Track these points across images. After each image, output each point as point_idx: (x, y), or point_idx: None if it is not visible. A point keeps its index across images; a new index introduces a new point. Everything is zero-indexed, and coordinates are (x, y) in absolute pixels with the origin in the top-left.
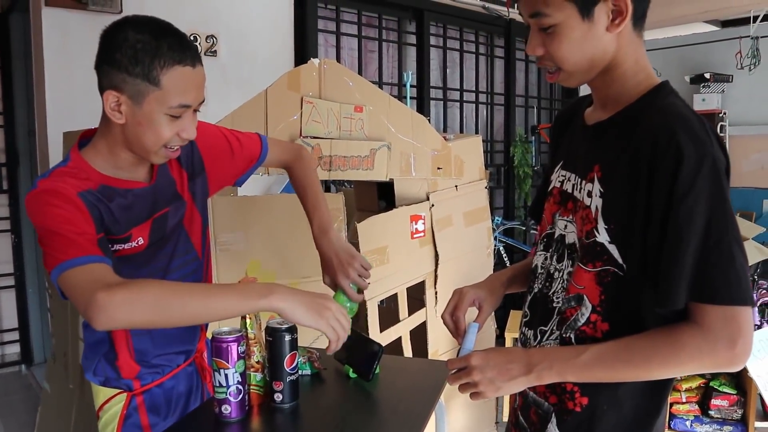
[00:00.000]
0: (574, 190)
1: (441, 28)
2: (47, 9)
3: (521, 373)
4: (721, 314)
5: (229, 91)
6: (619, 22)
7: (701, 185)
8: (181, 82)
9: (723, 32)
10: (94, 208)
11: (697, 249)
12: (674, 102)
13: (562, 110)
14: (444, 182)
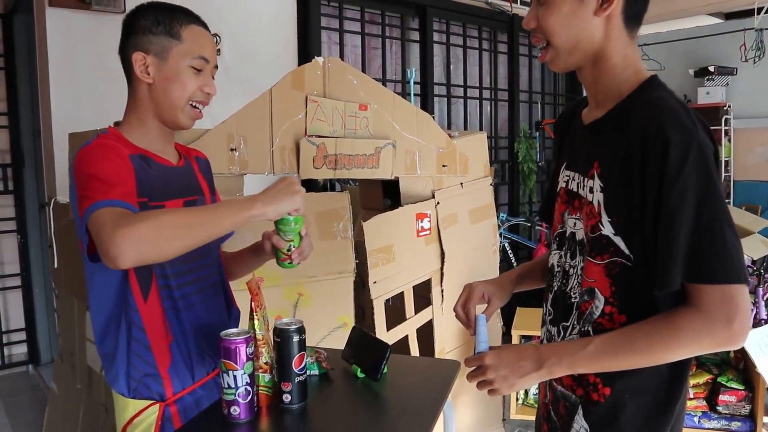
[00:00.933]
0: (579, 189)
1: (444, 24)
2: (51, 9)
3: (532, 369)
4: (717, 293)
5: (232, 90)
6: (606, 7)
7: (689, 170)
8: (199, 37)
9: (727, 24)
10: (138, 171)
11: (690, 231)
12: (661, 95)
13: (561, 113)
14: (449, 180)
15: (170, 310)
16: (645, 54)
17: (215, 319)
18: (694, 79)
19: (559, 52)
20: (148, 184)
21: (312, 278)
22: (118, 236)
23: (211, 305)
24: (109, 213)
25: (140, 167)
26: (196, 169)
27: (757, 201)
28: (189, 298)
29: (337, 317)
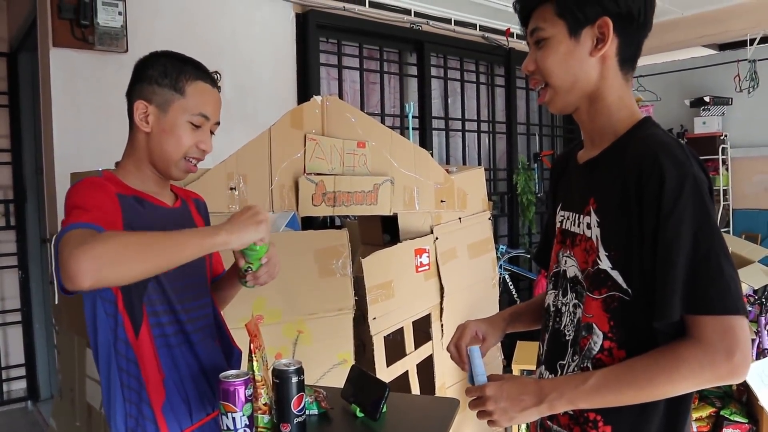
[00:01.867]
0: (572, 227)
1: (441, 58)
2: (55, 49)
3: (533, 404)
4: (717, 325)
5: (233, 126)
6: (600, 47)
7: (685, 202)
8: (203, 94)
9: (721, 56)
10: (127, 210)
11: (687, 262)
12: (655, 132)
13: (557, 158)
14: (447, 215)
15: (163, 347)
16: (641, 85)
17: (213, 360)
18: (690, 110)
19: (557, 91)
20: (141, 224)
21: (312, 315)
22: (78, 254)
23: (207, 346)
24: (74, 234)
25: (131, 207)
26: (193, 211)
27: (756, 229)
28: (182, 336)
29: (338, 354)
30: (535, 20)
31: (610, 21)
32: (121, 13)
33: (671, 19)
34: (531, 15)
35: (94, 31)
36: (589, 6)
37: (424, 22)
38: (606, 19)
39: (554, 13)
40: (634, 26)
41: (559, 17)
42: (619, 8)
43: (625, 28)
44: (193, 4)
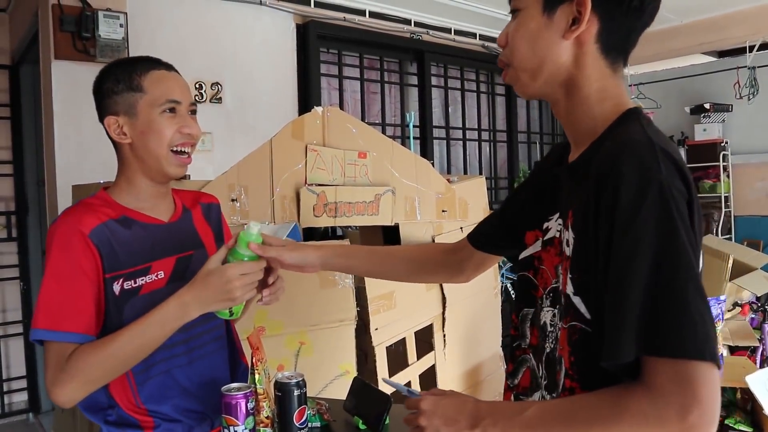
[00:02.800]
0: (561, 242)
1: (442, 68)
2: (57, 62)
3: (466, 427)
4: (671, 371)
5: (234, 137)
6: (574, 29)
7: (645, 216)
8: (162, 81)
9: (720, 62)
10: (107, 244)
11: (644, 291)
12: (630, 128)
13: (554, 148)
14: (449, 225)
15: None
16: (641, 93)
17: (214, 374)
18: (690, 117)
19: (519, 73)
20: (124, 249)
21: (314, 326)
22: (57, 389)
23: (207, 362)
24: (53, 354)
25: (111, 235)
26: (196, 220)
27: (758, 236)
28: (181, 357)
29: (339, 365)
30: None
31: (589, 1)
32: (122, 26)
33: (670, 26)
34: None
35: (95, 43)
36: None
37: (424, 32)
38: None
39: None
40: (623, 9)
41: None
42: None
43: (610, 10)
44: (194, 16)
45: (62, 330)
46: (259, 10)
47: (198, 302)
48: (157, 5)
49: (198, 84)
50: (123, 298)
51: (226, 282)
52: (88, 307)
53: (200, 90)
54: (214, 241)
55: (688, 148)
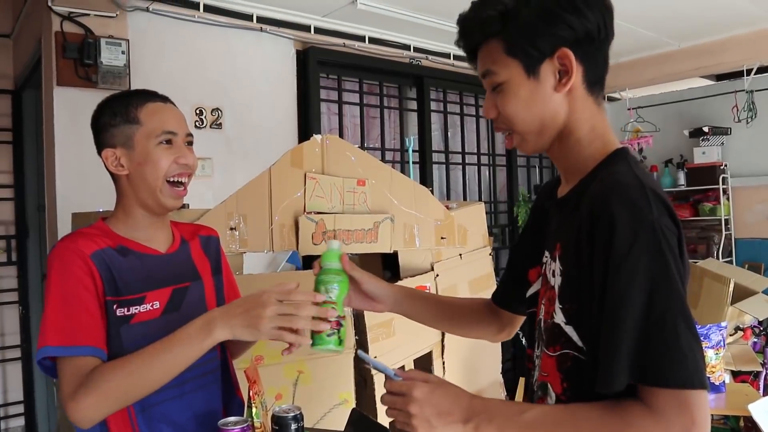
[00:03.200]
0: (547, 271)
1: (441, 92)
2: (59, 88)
3: (459, 420)
4: (672, 399)
5: (234, 162)
6: (565, 82)
7: (637, 255)
8: (157, 113)
9: (718, 86)
10: (107, 269)
11: (637, 325)
12: (619, 169)
13: (542, 187)
14: (448, 251)
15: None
16: (640, 116)
17: (209, 409)
18: (689, 140)
19: (524, 137)
20: (121, 276)
21: (312, 355)
22: (75, 404)
23: (206, 395)
24: (69, 370)
25: (110, 261)
26: (195, 251)
27: (759, 259)
28: (174, 389)
29: (339, 394)
30: (484, 61)
31: (569, 51)
32: (124, 53)
33: (668, 51)
34: (477, 52)
35: (97, 70)
36: (541, 39)
37: (424, 57)
38: (565, 51)
39: (504, 52)
40: (596, 45)
41: (511, 56)
42: (575, 33)
43: (586, 51)
44: (195, 43)
45: (76, 344)
46: (259, 36)
47: (224, 320)
48: (158, 32)
49: (198, 110)
50: (118, 323)
51: (259, 305)
52: (95, 322)
53: (200, 116)
54: (211, 274)
55: (687, 171)
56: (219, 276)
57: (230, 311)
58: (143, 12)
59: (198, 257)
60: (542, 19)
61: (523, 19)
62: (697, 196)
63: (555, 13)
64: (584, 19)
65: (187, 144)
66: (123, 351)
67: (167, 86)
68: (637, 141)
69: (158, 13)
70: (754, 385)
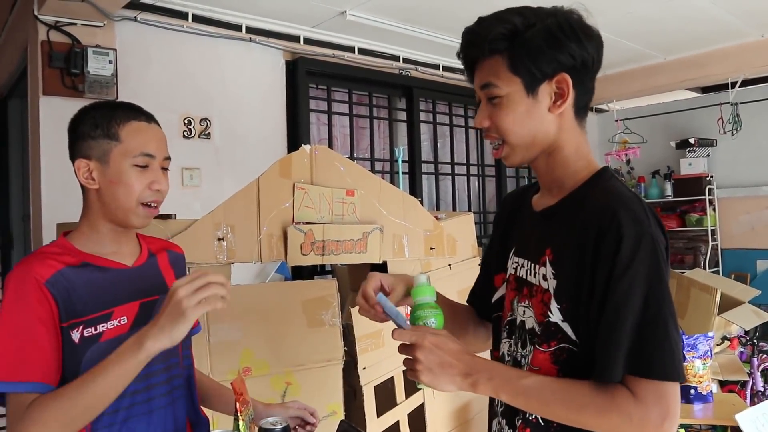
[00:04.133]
0: (528, 276)
1: (430, 103)
2: (45, 97)
3: (459, 373)
4: (654, 389)
5: (222, 172)
6: (560, 104)
7: (638, 265)
8: (139, 133)
9: (704, 98)
10: (65, 292)
11: (634, 325)
12: (615, 185)
13: (506, 198)
14: (437, 262)
15: None
16: (627, 128)
17: (177, 426)
18: (675, 151)
19: (514, 149)
20: (84, 295)
21: (300, 366)
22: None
23: (174, 410)
24: (12, 406)
25: (68, 284)
26: (162, 266)
27: (745, 269)
28: (142, 406)
29: (327, 405)
30: (485, 74)
31: (568, 77)
32: (111, 62)
33: (655, 63)
34: (476, 65)
35: (84, 79)
36: (545, 62)
37: (413, 68)
38: (564, 76)
39: (508, 68)
40: (589, 74)
41: (514, 73)
42: (574, 60)
43: (581, 79)
44: (183, 52)
45: (18, 380)
46: (248, 46)
47: (152, 330)
48: (146, 42)
49: (186, 119)
50: (84, 345)
51: (172, 294)
52: (44, 356)
53: (189, 125)
54: None
55: (674, 182)
56: None
57: (156, 320)
58: (131, 21)
59: (166, 271)
60: (548, 43)
61: (531, 41)
62: (684, 206)
63: (560, 39)
64: (583, 48)
65: (163, 169)
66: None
67: (155, 96)
68: (625, 152)
69: (146, 23)
70: (741, 394)
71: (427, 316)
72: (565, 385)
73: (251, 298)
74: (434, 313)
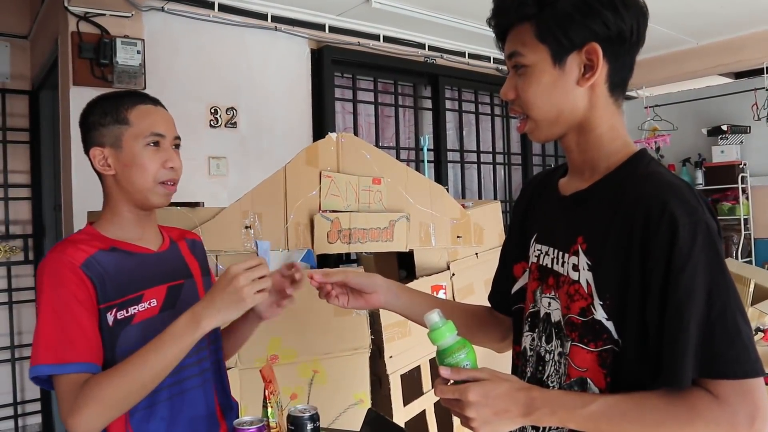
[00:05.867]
0: (554, 265)
1: (456, 91)
2: (75, 88)
3: (519, 415)
4: (737, 388)
5: (249, 161)
6: (589, 77)
7: (698, 255)
8: (147, 115)
9: (737, 84)
10: (99, 275)
11: (701, 322)
12: (659, 170)
13: (529, 181)
14: (464, 250)
15: None
16: (657, 115)
17: (206, 410)
18: (707, 138)
19: (538, 124)
20: (116, 279)
21: (327, 355)
22: (74, 419)
23: (198, 395)
24: (64, 387)
25: (102, 268)
26: (184, 252)
27: None
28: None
29: (354, 394)
30: (512, 42)
31: (598, 47)
32: (139, 52)
33: (686, 48)
34: (508, 33)
35: (113, 69)
36: (574, 30)
37: (438, 56)
38: (594, 46)
39: (534, 36)
40: (626, 47)
41: (541, 42)
42: (609, 30)
43: (615, 51)
44: (210, 42)
45: (67, 362)
46: (274, 35)
47: (209, 309)
48: (173, 32)
49: (213, 109)
50: (116, 328)
51: (232, 279)
52: (89, 336)
53: (215, 115)
54: (201, 275)
55: (705, 170)
56: (207, 278)
57: (210, 300)
58: (158, 12)
59: (188, 257)
60: (579, 10)
61: (560, 6)
62: (715, 195)
63: (593, 6)
64: (620, 18)
65: (174, 147)
66: (124, 354)
67: (182, 85)
68: (655, 140)
69: (173, 13)
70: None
71: (459, 361)
72: (635, 403)
73: None
74: (465, 353)
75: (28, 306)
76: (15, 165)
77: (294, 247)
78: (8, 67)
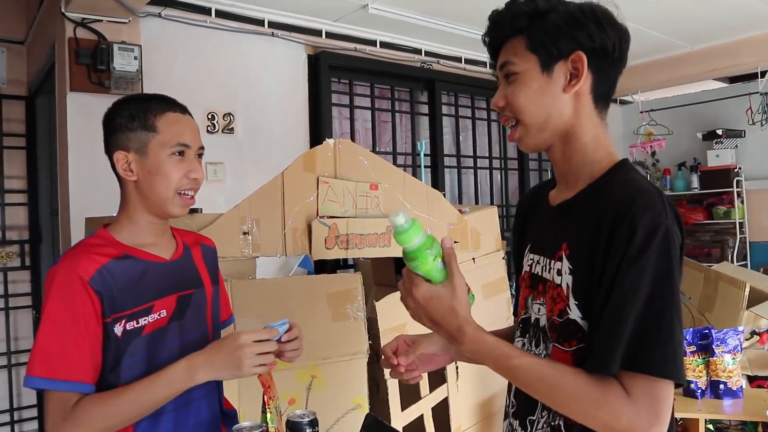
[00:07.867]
0: (543, 272)
1: (452, 96)
2: (72, 93)
3: (446, 336)
4: (648, 391)
5: (246, 167)
6: (574, 83)
7: (650, 255)
8: (176, 124)
9: (732, 88)
10: (108, 289)
11: (637, 319)
12: (634, 177)
13: (524, 196)
14: (461, 255)
15: None
16: (653, 119)
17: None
18: (702, 142)
19: (528, 129)
20: (126, 290)
21: (325, 360)
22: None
23: (207, 403)
24: (54, 402)
25: (112, 279)
26: (196, 259)
27: None
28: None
29: (352, 399)
30: (505, 53)
31: (584, 56)
32: (136, 58)
33: (681, 53)
34: (501, 47)
35: (110, 75)
36: (562, 40)
37: (435, 61)
38: (580, 54)
39: (526, 47)
40: (609, 61)
41: (531, 51)
42: (593, 43)
43: (599, 63)
44: (207, 48)
45: (60, 378)
46: (271, 41)
47: (207, 366)
48: (170, 38)
49: (210, 114)
50: (126, 339)
51: (237, 348)
52: (85, 356)
53: (212, 120)
54: (210, 283)
55: (701, 174)
56: (217, 287)
57: (212, 357)
58: (155, 17)
59: (200, 265)
60: (567, 22)
61: (551, 19)
62: (710, 199)
63: (580, 20)
64: (603, 33)
65: (197, 156)
66: (129, 364)
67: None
68: (650, 144)
69: (170, 19)
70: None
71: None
72: (554, 372)
73: (276, 292)
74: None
75: (25, 312)
76: (11, 170)
77: (292, 252)
78: (5, 72)
